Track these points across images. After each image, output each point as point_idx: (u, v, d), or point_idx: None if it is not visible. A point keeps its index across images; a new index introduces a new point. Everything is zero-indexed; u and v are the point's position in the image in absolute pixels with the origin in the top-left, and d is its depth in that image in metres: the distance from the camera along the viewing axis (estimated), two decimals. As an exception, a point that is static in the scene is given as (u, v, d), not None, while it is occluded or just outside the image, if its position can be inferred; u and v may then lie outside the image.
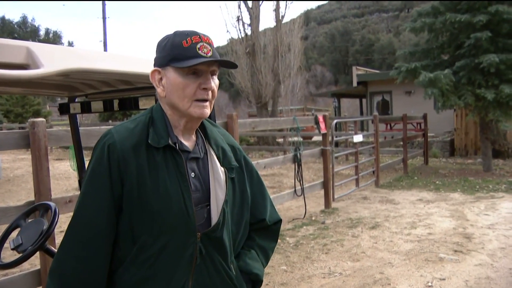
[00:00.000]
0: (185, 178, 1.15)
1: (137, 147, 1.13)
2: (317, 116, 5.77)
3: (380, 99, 17.16)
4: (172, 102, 1.17)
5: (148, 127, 1.17)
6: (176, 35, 1.16)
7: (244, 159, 1.35)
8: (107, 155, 1.12)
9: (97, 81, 1.63)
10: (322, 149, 6.04)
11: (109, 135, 1.15)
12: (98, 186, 1.12)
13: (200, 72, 1.15)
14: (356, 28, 63.56)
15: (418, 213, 5.70)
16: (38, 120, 2.16)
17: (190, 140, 1.23)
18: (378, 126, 7.92)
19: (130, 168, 1.11)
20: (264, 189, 1.39)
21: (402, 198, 6.73)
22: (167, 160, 1.15)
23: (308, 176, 9.36)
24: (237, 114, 4.52)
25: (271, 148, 14.15)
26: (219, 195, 1.21)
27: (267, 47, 16.41)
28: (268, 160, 5.30)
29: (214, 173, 1.22)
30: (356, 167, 7.38)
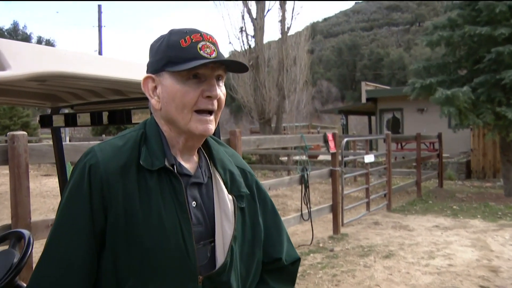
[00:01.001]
0: (184, 208, 1.00)
1: (125, 169, 0.98)
2: (326, 134, 5.65)
3: (391, 116, 17.07)
4: (169, 116, 1.02)
5: (140, 145, 1.02)
6: (172, 34, 1.02)
7: (257, 185, 1.20)
8: (88, 179, 0.97)
9: (83, 90, 1.50)
10: (331, 170, 5.90)
11: (91, 153, 1.00)
12: (75, 217, 0.97)
13: (203, 76, 1.00)
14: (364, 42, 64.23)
15: (436, 241, 5.51)
16: (19, 134, 2.02)
17: (191, 162, 1.08)
18: (390, 146, 7.80)
19: (116, 195, 0.96)
20: (279, 221, 1.24)
21: (417, 224, 6.53)
22: (163, 186, 1.00)
23: (314, 198, 9.18)
24: (241, 131, 4.40)
25: (274, 167, 14.01)
26: (226, 229, 1.06)
27: (271, 60, 16.44)
28: (273, 181, 5.15)
29: (220, 202, 1.07)
30: (366, 190, 7.22)
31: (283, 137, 5.31)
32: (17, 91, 1.45)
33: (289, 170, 12.48)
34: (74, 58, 1.06)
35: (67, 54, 1.05)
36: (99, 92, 1.54)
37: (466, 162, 12.43)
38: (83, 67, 1.11)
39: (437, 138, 10.53)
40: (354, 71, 58.01)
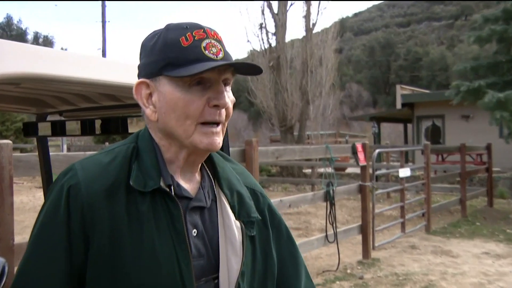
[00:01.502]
0: (182, 238, 0.93)
1: (112, 191, 0.92)
2: (354, 145, 5.54)
3: (430, 124, 16.80)
4: (168, 129, 0.95)
5: (131, 162, 0.96)
6: (169, 29, 0.96)
7: (270, 209, 1.13)
8: (66, 203, 0.91)
9: (72, 95, 1.46)
10: (361, 185, 5.78)
11: (71, 172, 0.94)
12: (48, 250, 0.90)
13: (209, 82, 0.94)
14: (400, 39, 63.71)
15: (486, 271, 5.30)
16: (1, 143, 1.99)
17: (192, 182, 1.02)
18: (429, 158, 7.62)
19: (101, 223, 0.90)
20: (296, 251, 1.17)
21: (462, 249, 6.32)
22: (157, 211, 0.93)
23: (341, 217, 9.04)
24: (258, 140, 4.34)
25: (297, 180, 13.91)
26: (233, 263, 0.99)
27: (294, 61, 16.43)
28: (294, 198, 5.07)
29: (226, 230, 1.01)
30: (401, 208, 7.06)
31: (305, 147, 5.23)
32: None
33: (313, 184, 12.36)
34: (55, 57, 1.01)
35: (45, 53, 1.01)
36: (90, 97, 1.50)
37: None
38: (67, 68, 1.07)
39: (485, 149, 10.24)
40: (388, 73, 57.55)
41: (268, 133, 29.31)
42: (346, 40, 70.28)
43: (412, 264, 5.61)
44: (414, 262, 5.68)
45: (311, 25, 16.06)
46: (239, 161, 4.27)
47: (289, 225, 8.48)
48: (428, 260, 5.80)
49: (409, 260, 5.77)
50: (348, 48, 67.19)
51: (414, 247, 6.45)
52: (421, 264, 5.61)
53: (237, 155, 4.12)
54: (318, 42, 16.32)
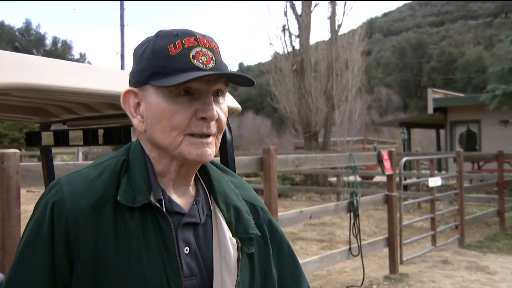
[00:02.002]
0: (173, 257, 0.92)
1: (99, 207, 0.91)
2: (380, 152, 5.47)
3: (465, 130, 16.48)
4: (155, 140, 0.95)
5: (120, 175, 0.95)
6: (159, 36, 0.95)
7: (270, 225, 1.11)
8: (50, 220, 0.90)
9: (74, 104, 1.49)
10: (387, 195, 5.69)
11: (57, 187, 0.93)
12: (31, 269, 0.90)
13: (197, 92, 0.93)
14: (433, 40, 62.75)
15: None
16: (9, 152, 2.03)
17: (185, 196, 1.01)
18: (462, 166, 7.45)
19: (86, 241, 0.89)
20: (299, 271, 1.14)
21: (499, 265, 6.14)
22: (147, 228, 0.92)
23: (368, 228, 8.92)
24: (277, 148, 4.32)
25: (321, 189, 13.81)
26: (227, 283, 0.97)
27: (319, 64, 16.39)
28: (315, 208, 5.03)
29: (221, 248, 0.99)
30: (432, 220, 6.91)
31: (327, 155, 5.19)
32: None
33: (338, 193, 12.25)
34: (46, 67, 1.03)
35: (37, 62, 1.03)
36: (92, 106, 1.52)
37: None
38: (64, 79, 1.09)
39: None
40: (419, 76, 56.72)
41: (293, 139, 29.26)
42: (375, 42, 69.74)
43: (443, 280, 5.47)
44: (446, 279, 5.54)
45: (336, 27, 16.02)
46: (256, 170, 4.28)
47: (313, 236, 8.46)
48: (462, 276, 5.64)
49: (440, 276, 5.64)
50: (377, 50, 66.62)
51: (446, 262, 6.30)
52: (454, 281, 5.46)
53: (255, 164, 4.11)
54: (344, 44, 16.26)
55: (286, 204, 12.18)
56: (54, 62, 1.09)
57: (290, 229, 8.92)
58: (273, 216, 1.16)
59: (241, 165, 4.05)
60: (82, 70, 1.15)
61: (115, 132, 1.55)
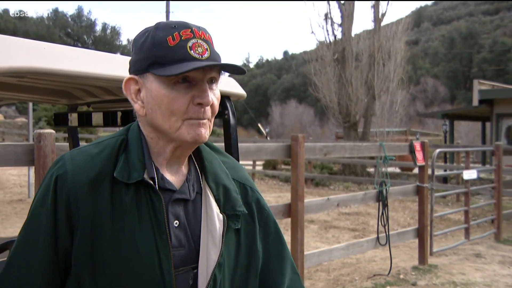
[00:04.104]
0: (163, 229, 1.00)
1: (97, 181, 0.99)
2: (412, 143, 5.39)
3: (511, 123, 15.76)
4: (156, 124, 1.03)
5: (118, 153, 1.03)
6: (158, 28, 1.03)
7: (257, 204, 1.18)
8: (53, 192, 0.99)
9: (95, 88, 1.61)
10: (418, 186, 5.62)
11: (60, 162, 1.02)
12: (36, 235, 0.99)
13: (194, 80, 1.01)
14: (486, 29, 59.87)
15: (558, 285, 4.96)
16: (45, 132, 2.20)
17: (178, 175, 1.08)
18: (501, 160, 7.22)
19: (85, 212, 0.97)
20: (283, 248, 1.21)
21: (534, 261, 5.95)
22: (140, 202, 1.00)
23: (402, 219, 8.82)
24: (304, 136, 4.37)
25: (359, 179, 13.69)
26: (211, 254, 1.05)
27: (361, 54, 16.10)
28: (342, 196, 5.04)
29: (208, 223, 1.06)
30: (466, 212, 6.75)
31: (357, 145, 5.16)
32: (28, 87, 1.60)
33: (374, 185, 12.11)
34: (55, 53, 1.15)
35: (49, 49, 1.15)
36: (111, 90, 1.64)
37: None
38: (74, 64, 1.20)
39: None
40: (469, 66, 54.47)
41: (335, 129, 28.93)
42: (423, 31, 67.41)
43: (473, 273, 5.36)
44: (476, 272, 5.43)
45: (380, 15, 15.66)
46: (284, 157, 4.35)
47: (346, 225, 8.45)
48: (494, 270, 5.51)
49: (471, 269, 5.53)
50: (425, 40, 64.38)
51: (479, 255, 6.16)
52: (485, 274, 5.35)
53: (282, 151, 4.17)
54: (387, 34, 15.87)
55: (323, 193, 12.16)
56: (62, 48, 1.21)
57: (324, 217, 8.94)
58: (299, 203, 1.23)
59: (268, 151, 4.13)
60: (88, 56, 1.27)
61: (131, 115, 1.66)
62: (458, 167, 11.18)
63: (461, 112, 19.48)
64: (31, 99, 1.79)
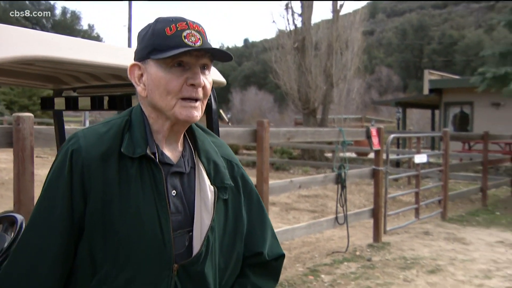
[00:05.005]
0: (163, 197, 1.14)
1: (106, 155, 1.12)
2: (369, 129, 5.65)
3: (458, 111, 16.57)
4: (154, 103, 1.16)
5: (124, 132, 1.16)
6: (158, 22, 1.17)
7: (242, 178, 1.33)
8: (69, 164, 1.11)
9: (83, 74, 1.68)
10: (374, 169, 5.90)
11: (74, 139, 1.15)
12: (54, 202, 1.11)
13: (187, 65, 1.14)
14: (435, 22, 61.87)
15: (496, 259, 5.38)
16: (24, 115, 2.23)
17: (174, 151, 1.22)
18: (448, 145, 7.63)
19: (96, 182, 1.10)
20: (264, 215, 1.36)
21: (476, 237, 6.39)
22: (143, 174, 1.14)
23: (358, 201, 9.17)
24: (269, 121, 4.51)
25: (317, 164, 14.04)
26: (205, 219, 1.19)
27: (320, 43, 16.36)
28: (304, 179, 5.24)
29: (201, 193, 1.20)
30: (416, 194, 7.13)
31: (318, 130, 5.37)
32: (19, 72, 1.65)
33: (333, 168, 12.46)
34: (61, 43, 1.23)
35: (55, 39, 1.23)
36: (100, 76, 1.72)
37: (549, 168, 11.85)
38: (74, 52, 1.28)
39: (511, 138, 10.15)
40: (420, 57, 56.22)
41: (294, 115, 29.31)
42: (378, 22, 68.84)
43: (422, 249, 5.72)
44: (424, 248, 5.79)
45: (338, 7, 15.94)
46: (250, 141, 4.48)
47: (306, 207, 8.68)
48: (439, 246, 5.90)
49: (419, 245, 5.89)
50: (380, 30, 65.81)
51: (427, 233, 6.54)
52: (431, 249, 5.71)
53: (249, 135, 4.31)
54: (345, 24, 16.19)
55: (283, 177, 12.40)
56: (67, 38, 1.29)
57: (285, 200, 9.17)
58: (265, 185, 1.38)
59: (235, 136, 4.25)
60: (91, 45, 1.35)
61: (118, 99, 1.75)
62: (410, 152, 11.67)
63: (413, 100, 20.23)
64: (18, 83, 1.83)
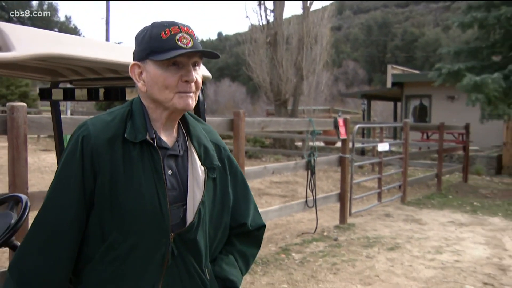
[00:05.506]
0: (160, 176, 1.26)
1: (112, 141, 1.24)
2: (336, 119, 5.84)
3: (418, 103, 17.04)
4: (154, 96, 1.28)
5: (126, 120, 1.29)
6: (154, 26, 1.28)
7: (228, 159, 1.46)
8: (81, 148, 1.23)
9: (82, 68, 1.76)
10: (341, 157, 6.10)
11: (84, 126, 1.27)
12: (69, 180, 1.24)
13: (181, 64, 1.26)
14: (397, 19, 63.02)
15: (447, 236, 5.70)
16: (18, 105, 2.30)
17: (170, 136, 1.34)
18: (408, 135, 7.93)
19: (104, 163, 1.23)
20: (248, 192, 1.51)
21: (430, 218, 6.72)
22: (143, 156, 1.26)
23: (326, 187, 9.41)
24: (245, 112, 4.63)
25: (288, 152, 14.25)
26: (197, 194, 1.32)
27: (291, 38, 16.50)
28: (277, 165, 5.39)
29: (193, 172, 1.33)
30: (379, 180, 7.40)
31: (289, 120, 5.52)
32: (20, 66, 1.72)
33: (303, 156, 12.65)
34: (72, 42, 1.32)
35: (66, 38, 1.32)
36: (97, 70, 1.80)
37: (497, 156, 12.41)
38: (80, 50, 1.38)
39: (464, 129, 10.58)
40: (384, 52, 57.22)
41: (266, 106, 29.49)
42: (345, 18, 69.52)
43: (383, 229, 5.99)
44: (385, 228, 6.07)
45: (308, 4, 16.09)
46: (227, 130, 4.59)
47: (277, 192, 8.87)
48: (399, 226, 6.18)
49: (381, 226, 6.16)
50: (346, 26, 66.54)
51: (388, 215, 6.83)
52: (392, 229, 5.99)
53: (226, 124, 4.41)
54: (314, 20, 16.36)
55: (256, 164, 12.50)
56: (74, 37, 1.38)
57: (257, 185, 9.33)
58: (241, 170, 1.52)
59: (213, 125, 4.34)
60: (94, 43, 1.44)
61: (113, 91, 1.84)
62: (374, 141, 12.01)
63: (377, 93, 20.67)
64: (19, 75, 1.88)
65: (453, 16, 9.95)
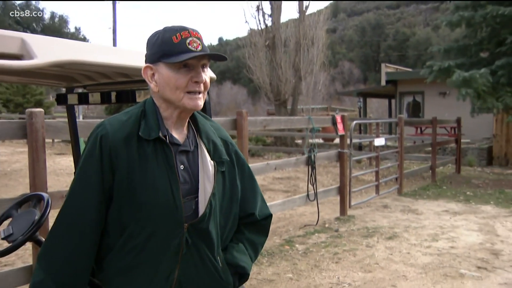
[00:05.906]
0: (173, 170, 1.30)
1: (128, 139, 1.28)
2: (334, 116, 5.85)
3: (411, 100, 17.03)
4: (165, 96, 1.31)
5: (140, 119, 1.32)
6: (165, 31, 1.31)
7: (236, 154, 1.49)
8: (99, 146, 1.27)
9: (95, 73, 1.79)
10: (339, 152, 6.11)
11: (102, 126, 1.31)
12: (89, 176, 1.27)
13: (191, 66, 1.29)
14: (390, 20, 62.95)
15: (443, 225, 5.72)
16: (36, 110, 2.35)
17: (181, 133, 1.37)
18: (403, 130, 7.93)
19: (121, 159, 1.26)
20: (255, 184, 1.54)
21: (426, 208, 6.74)
22: (157, 153, 1.29)
23: (326, 181, 9.43)
24: (247, 112, 4.65)
25: (289, 149, 14.25)
26: (207, 187, 1.35)
27: (288, 40, 16.51)
28: (279, 161, 5.40)
29: (204, 166, 1.36)
30: (376, 173, 7.41)
31: (290, 118, 5.55)
32: (38, 73, 1.75)
33: (303, 153, 12.64)
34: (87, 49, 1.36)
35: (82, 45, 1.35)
36: (109, 75, 1.83)
37: (487, 148, 12.41)
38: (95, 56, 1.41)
39: (455, 122, 10.57)
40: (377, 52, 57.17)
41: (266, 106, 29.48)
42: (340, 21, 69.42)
43: (381, 220, 6.01)
44: (383, 219, 6.08)
45: (304, 8, 16.10)
46: (230, 129, 4.62)
47: (280, 188, 8.89)
48: (396, 217, 6.20)
49: (379, 217, 6.18)
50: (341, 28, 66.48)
51: (386, 206, 6.85)
52: (390, 220, 6.01)
53: (229, 124, 4.44)
54: (310, 23, 16.36)
55: (258, 162, 12.57)
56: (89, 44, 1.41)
57: (261, 182, 9.35)
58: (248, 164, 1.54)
59: (219, 125, 4.37)
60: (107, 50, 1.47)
61: (124, 94, 1.87)
62: (370, 136, 12.02)
63: (372, 91, 20.67)
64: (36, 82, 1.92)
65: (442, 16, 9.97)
